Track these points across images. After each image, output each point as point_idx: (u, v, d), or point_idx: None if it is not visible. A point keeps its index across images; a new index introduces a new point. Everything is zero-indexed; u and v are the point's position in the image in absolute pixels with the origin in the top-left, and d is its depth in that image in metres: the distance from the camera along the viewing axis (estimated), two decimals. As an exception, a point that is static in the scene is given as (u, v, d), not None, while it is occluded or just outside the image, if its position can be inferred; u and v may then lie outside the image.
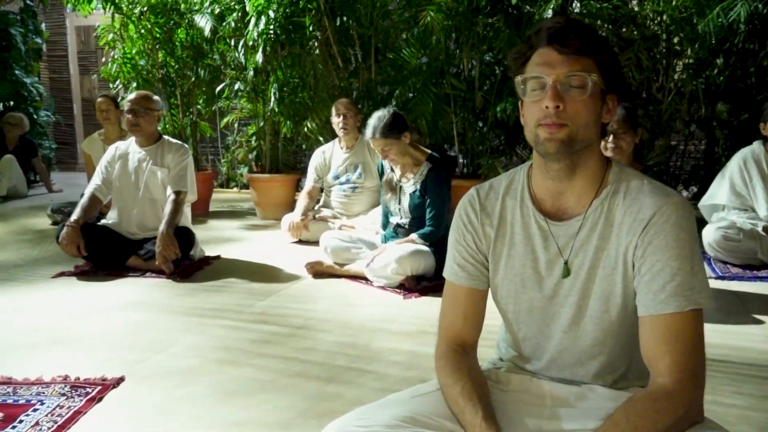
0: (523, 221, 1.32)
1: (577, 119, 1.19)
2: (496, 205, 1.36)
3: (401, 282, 3.34)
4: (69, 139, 9.63)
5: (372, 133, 3.41)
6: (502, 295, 1.36)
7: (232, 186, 7.38)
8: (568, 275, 1.27)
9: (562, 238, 1.28)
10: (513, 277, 1.33)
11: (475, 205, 1.37)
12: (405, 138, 3.42)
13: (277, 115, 5.38)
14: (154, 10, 5.74)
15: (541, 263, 1.30)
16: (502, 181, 1.38)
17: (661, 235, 1.18)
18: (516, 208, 1.33)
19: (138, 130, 3.85)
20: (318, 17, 5.13)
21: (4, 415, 1.99)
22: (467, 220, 1.38)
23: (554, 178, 1.27)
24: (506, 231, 1.34)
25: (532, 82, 1.22)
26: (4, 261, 4.09)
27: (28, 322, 2.94)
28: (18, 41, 7.80)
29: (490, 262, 1.36)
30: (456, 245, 1.39)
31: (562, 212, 1.30)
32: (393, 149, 3.41)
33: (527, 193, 1.33)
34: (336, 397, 2.12)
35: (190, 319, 2.93)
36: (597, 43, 1.22)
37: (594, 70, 1.19)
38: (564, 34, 1.20)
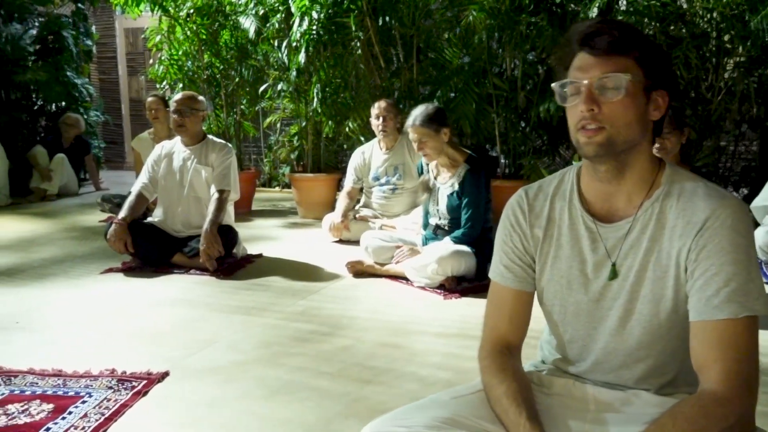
0: (571, 222, 1.30)
1: (615, 120, 1.17)
2: (544, 206, 1.34)
3: (441, 282, 3.33)
4: (117, 138, 9.87)
5: (412, 121, 3.40)
6: (548, 296, 1.34)
7: (275, 185, 7.46)
8: (616, 277, 1.25)
9: (610, 240, 1.26)
10: (559, 279, 1.31)
11: (524, 206, 1.36)
12: (444, 135, 3.40)
13: (319, 115, 5.42)
14: (200, 12, 5.84)
15: (588, 265, 1.28)
16: (552, 182, 1.36)
17: (716, 239, 1.15)
18: (564, 209, 1.32)
19: (183, 129, 3.92)
20: (361, 17, 5.14)
21: (55, 406, 2.06)
22: (515, 221, 1.36)
23: (602, 179, 1.25)
24: (554, 232, 1.32)
25: (570, 87, 1.21)
26: (55, 257, 4.22)
27: (78, 316, 3.02)
28: (70, 43, 8.02)
29: (536, 263, 1.35)
30: (503, 246, 1.38)
31: (611, 214, 1.28)
32: (429, 142, 3.38)
33: (576, 194, 1.31)
34: (376, 397, 2.12)
35: (233, 317, 2.97)
36: (633, 40, 1.18)
37: (632, 69, 1.17)
38: (595, 35, 1.18)
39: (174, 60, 6.09)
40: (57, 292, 3.43)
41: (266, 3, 5.54)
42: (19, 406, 2.06)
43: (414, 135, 3.40)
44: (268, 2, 5.53)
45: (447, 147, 3.45)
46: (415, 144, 3.43)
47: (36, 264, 4.02)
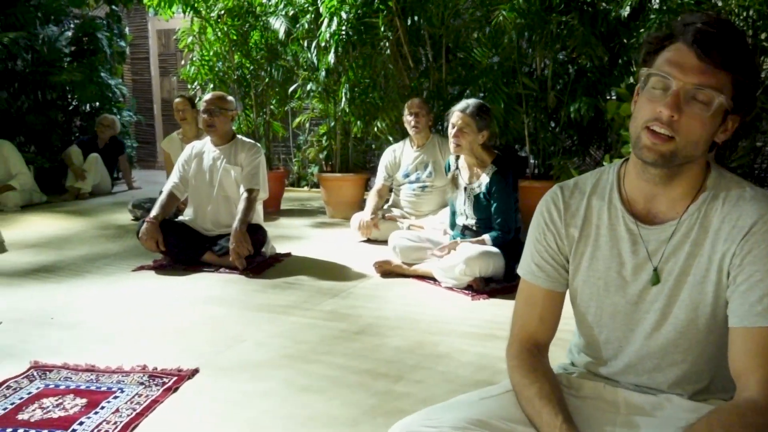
0: (610, 223, 1.27)
1: (688, 135, 1.11)
2: (581, 204, 1.31)
3: (469, 283, 3.32)
4: (149, 138, 10.01)
5: (464, 107, 3.40)
6: (582, 298, 1.32)
7: (303, 185, 7.50)
8: (658, 282, 1.22)
9: (652, 243, 1.23)
10: (596, 281, 1.29)
11: (559, 204, 1.33)
12: (482, 136, 3.40)
13: (347, 115, 5.44)
14: (231, 13, 5.90)
15: (627, 267, 1.25)
16: (588, 180, 1.33)
17: (763, 245, 1.12)
18: (603, 208, 1.28)
19: (213, 129, 3.96)
20: (389, 18, 5.15)
21: (88, 400, 2.09)
22: (549, 218, 1.33)
23: (650, 181, 1.22)
24: (590, 232, 1.29)
25: (656, 79, 1.13)
26: (88, 254, 4.30)
27: (110, 312, 3.08)
28: (104, 45, 8.17)
29: (570, 263, 1.32)
30: (535, 244, 1.35)
31: (653, 216, 1.24)
32: (468, 135, 3.37)
33: (617, 193, 1.28)
34: (404, 396, 2.12)
35: (262, 315, 3.00)
36: (742, 60, 1.11)
37: (727, 89, 1.10)
38: (712, 40, 1.09)
39: (205, 61, 6.16)
40: (90, 288, 3.49)
41: (296, 3, 5.58)
42: (53, 400, 2.10)
43: (458, 121, 3.38)
44: (298, 3, 5.57)
45: (479, 149, 3.45)
46: (452, 129, 3.40)
47: (70, 261, 4.10)
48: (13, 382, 2.24)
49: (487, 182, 3.42)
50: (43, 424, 1.94)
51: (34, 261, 4.10)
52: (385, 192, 4.70)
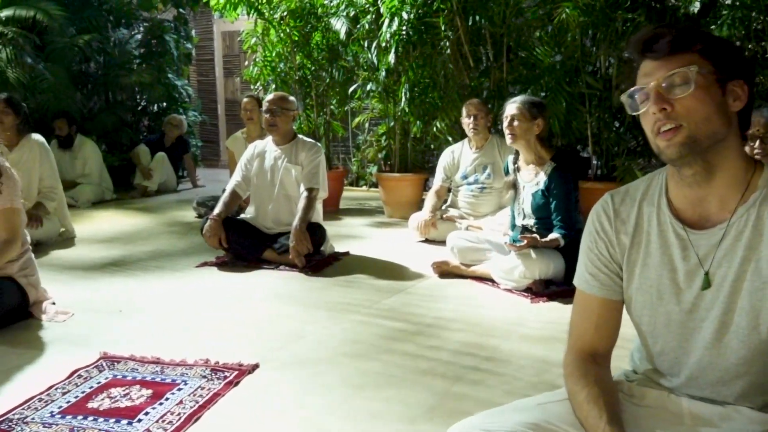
0: (660, 229, 1.24)
1: (692, 116, 1.13)
2: (632, 211, 1.29)
3: (529, 285, 3.27)
4: (213, 137, 10.27)
5: (515, 99, 3.40)
6: (636, 306, 1.29)
7: (362, 184, 7.55)
8: (709, 287, 1.18)
9: (702, 248, 1.19)
10: (648, 288, 1.26)
11: (609, 212, 1.31)
12: (536, 126, 3.35)
13: (407, 115, 5.44)
14: (293, 14, 5.99)
15: (679, 274, 1.22)
16: (639, 186, 1.31)
17: None
18: (653, 215, 1.26)
19: (274, 129, 4.03)
20: (450, 17, 5.13)
21: (153, 391, 2.16)
22: (600, 227, 1.32)
23: (690, 184, 1.19)
24: (642, 239, 1.27)
25: (639, 95, 1.18)
26: (154, 250, 4.44)
27: (175, 306, 3.17)
28: (171, 47, 8.43)
29: (624, 271, 1.29)
30: (588, 253, 1.33)
31: (703, 220, 1.21)
32: (521, 124, 3.34)
33: (665, 199, 1.25)
34: (462, 398, 2.11)
35: (321, 312, 3.04)
36: (692, 36, 1.15)
37: (698, 62, 1.13)
38: (653, 40, 1.16)
39: (268, 61, 6.27)
40: (156, 283, 3.61)
41: (357, 4, 5.62)
42: (121, 390, 2.18)
43: (512, 111, 3.36)
44: (359, 3, 5.61)
45: (536, 142, 3.40)
46: (506, 120, 3.38)
47: (138, 256, 4.25)
48: (84, 372, 2.33)
49: (546, 179, 3.36)
50: (111, 413, 2.02)
51: (104, 255, 4.26)
52: (443, 193, 4.68)
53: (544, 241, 3.28)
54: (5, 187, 2.83)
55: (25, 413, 2.02)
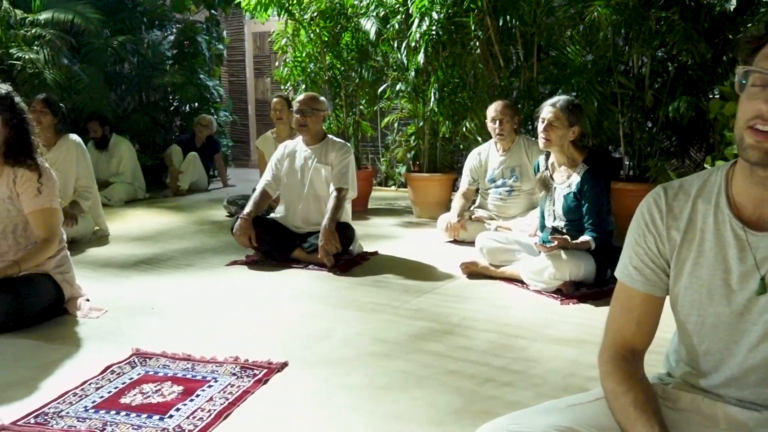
0: (716, 228, 1.21)
1: None
2: (685, 207, 1.25)
3: (558, 287, 3.24)
4: (243, 137, 10.36)
5: (555, 101, 3.35)
6: (683, 305, 1.26)
7: (390, 184, 7.55)
8: (765, 292, 1.15)
9: (761, 251, 1.16)
10: (698, 288, 1.22)
11: (661, 205, 1.27)
12: (572, 132, 3.31)
13: (436, 115, 5.43)
14: (323, 15, 6.01)
15: (733, 275, 1.19)
16: (694, 182, 1.26)
17: None
18: (709, 212, 1.22)
19: (305, 129, 4.06)
20: (480, 17, 5.10)
21: (184, 388, 2.19)
22: (650, 220, 1.27)
23: (759, 184, 1.15)
24: (695, 236, 1.23)
25: (755, 76, 1.09)
26: (185, 249, 4.50)
27: (205, 304, 3.21)
28: (203, 48, 8.53)
29: (672, 268, 1.26)
30: (634, 246, 1.30)
31: (764, 221, 1.17)
32: (558, 130, 3.29)
33: (724, 197, 1.21)
34: (491, 399, 2.10)
35: (349, 312, 3.05)
36: None
37: None
38: None
39: (298, 62, 6.31)
40: (187, 281, 3.66)
41: (387, 4, 5.62)
42: (153, 386, 2.22)
43: (548, 115, 3.31)
44: (389, 3, 5.61)
45: (569, 144, 3.36)
46: (542, 124, 3.34)
47: (170, 254, 4.31)
48: (117, 367, 2.37)
49: (578, 181, 3.32)
50: (143, 408, 2.05)
51: (136, 253, 4.33)
52: (470, 195, 4.66)
53: (574, 242, 3.24)
54: (45, 188, 2.89)
55: (60, 407, 2.06)
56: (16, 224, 2.91)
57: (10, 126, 2.84)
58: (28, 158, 2.89)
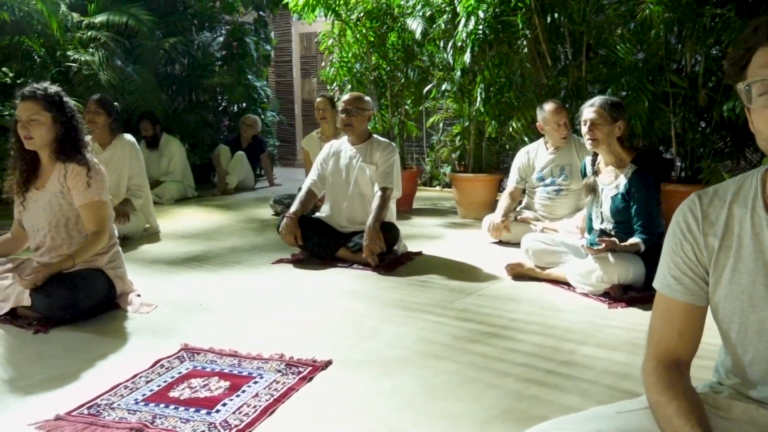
0: (754, 232, 1.18)
1: None
2: (721, 213, 1.22)
3: (606, 290, 3.18)
4: (290, 137, 10.48)
5: (593, 101, 3.29)
6: (724, 313, 1.22)
7: (435, 184, 7.53)
8: None
9: None
10: (739, 295, 1.19)
11: (696, 213, 1.24)
12: (617, 128, 3.25)
13: (482, 115, 5.39)
14: (369, 15, 6.04)
15: None
16: (730, 187, 1.24)
17: None
18: (745, 217, 1.19)
19: (350, 128, 4.08)
20: (528, 15, 5.05)
21: (231, 383, 2.23)
22: (686, 228, 1.25)
23: None
24: (732, 242, 1.20)
25: (758, 86, 1.08)
26: (233, 246, 4.58)
27: (251, 301, 3.26)
28: (251, 49, 8.67)
29: (710, 276, 1.23)
30: (672, 255, 1.27)
31: None
32: (602, 127, 3.23)
33: (760, 201, 1.18)
34: (536, 402, 2.08)
35: (394, 311, 3.05)
36: None
37: None
38: None
39: (344, 62, 6.35)
40: (234, 278, 3.72)
41: (433, 4, 5.61)
42: (200, 381, 2.26)
43: (590, 114, 3.26)
44: (435, 3, 5.60)
45: (616, 143, 3.29)
46: (584, 126, 3.29)
47: (218, 252, 4.39)
48: (166, 362, 2.43)
49: (626, 182, 3.25)
50: (191, 403, 2.09)
51: (186, 251, 4.42)
52: (517, 195, 4.61)
53: (623, 245, 3.17)
54: (94, 182, 2.98)
55: (111, 399, 2.12)
56: (68, 218, 3.01)
57: (60, 123, 2.95)
58: (78, 154, 2.99)
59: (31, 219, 3.04)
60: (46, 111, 2.91)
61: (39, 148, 2.97)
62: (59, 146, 2.97)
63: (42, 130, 2.92)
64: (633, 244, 3.17)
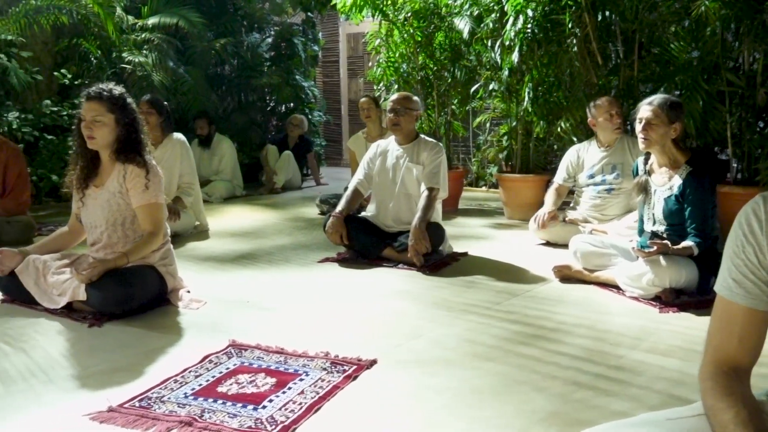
0: None
1: None
2: None
3: (657, 294, 3.10)
4: (336, 137, 10.55)
5: (652, 100, 3.21)
6: None
7: (481, 185, 7.48)
8: None
9: None
10: None
11: (760, 215, 1.21)
12: (673, 130, 3.16)
13: (530, 114, 5.33)
14: (417, 15, 6.04)
15: None
16: None
17: None
18: None
19: (398, 128, 4.09)
20: (578, 13, 4.97)
21: (277, 380, 2.26)
22: (748, 230, 1.22)
23: None
24: None
25: None
26: (280, 245, 4.63)
27: (298, 299, 3.29)
28: (299, 50, 8.77)
29: None
30: (733, 258, 1.24)
31: None
32: (658, 128, 3.14)
33: None
34: (585, 407, 2.04)
35: (439, 312, 3.04)
36: None
37: None
38: None
39: (391, 62, 6.36)
40: (281, 276, 3.76)
41: (481, 3, 5.57)
42: (247, 377, 2.29)
43: (646, 113, 3.17)
44: (483, 2, 5.56)
45: (671, 144, 3.21)
46: (639, 124, 3.20)
47: (265, 250, 4.45)
48: (215, 357, 2.47)
49: (680, 184, 3.17)
50: (238, 398, 2.13)
51: (234, 248, 4.50)
52: (563, 192, 4.54)
53: (675, 248, 3.09)
54: (151, 183, 3.06)
55: (162, 392, 2.17)
56: (125, 217, 3.10)
57: (122, 125, 3.03)
58: (138, 155, 3.07)
59: (89, 216, 3.14)
60: (109, 112, 3.00)
61: (100, 148, 3.06)
62: (120, 147, 3.06)
63: (104, 130, 3.00)
64: (686, 247, 3.09)
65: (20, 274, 3.07)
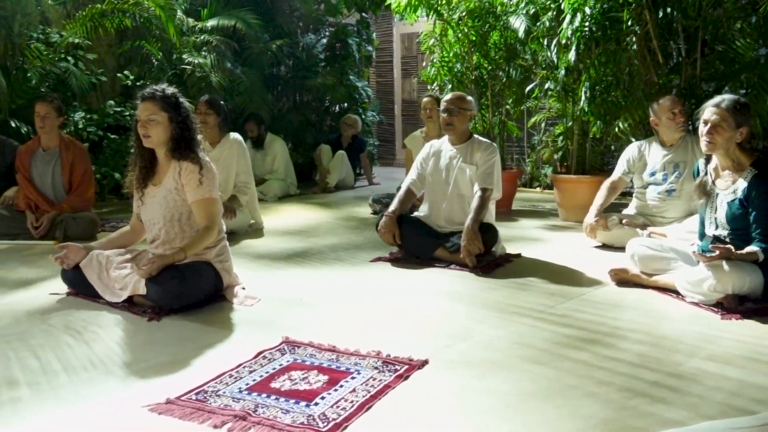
0: None
1: None
2: None
3: (719, 300, 2.99)
4: (389, 137, 10.58)
5: (719, 101, 3.08)
6: None
7: (535, 186, 7.39)
8: None
9: None
10: None
11: None
12: (739, 134, 3.05)
13: (586, 114, 5.23)
14: (471, 14, 5.99)
15: None
16: None
17: None
18: None
19: (451, 128, 4.07)
20: (638, 11, 4.84)
21: (329, 378, 2.28)
22: None
23: None
24: None
25: None
26: (333, 244, 4.67)
27: (350, 298, 3.32)
28: (353, 50, 8.83)
29: None
30: None
31: None
32: (725, 131, 3.03)
33: None
34: (640, 415, 1.99)
35: (491, 313, 3.01)
36: None
37: None
38: None
39: (445, 62, 6.33)
40: (334, 275, 3.80)
41: (537, 2, 5.50)
42: (300, 373, 2.32)
43: (712, 116, 3.05)
44: (539, 1, 5.48)
45: (735, 147, 3.09)
46: (704, 126, 3.09)
47: (318, 249, 4.50)
48: (268, 353, 2.51)
49: (745, 187, 3.05)
50: (291, 394, 2.16)
51: (288, 247, 4.56)
52: (620, 185, 4.42)
53: (739, 253, 2.98)
54: (205, 179, 3.14)
55: (217, 387, 2.22)
56: (181, 213, 3.18)
57: (176, 123, 3.12)
58: (191, 152, 3.16)
59: (148, 213, 3.24)
60: (163, 111, 3.09)
61: (156, 146, 3.16)
62: (174, 145, 3.15)
63: (159, 129, 3.10)
64: (750, 252, 2.97)
65: (84, 269, 3.20)
